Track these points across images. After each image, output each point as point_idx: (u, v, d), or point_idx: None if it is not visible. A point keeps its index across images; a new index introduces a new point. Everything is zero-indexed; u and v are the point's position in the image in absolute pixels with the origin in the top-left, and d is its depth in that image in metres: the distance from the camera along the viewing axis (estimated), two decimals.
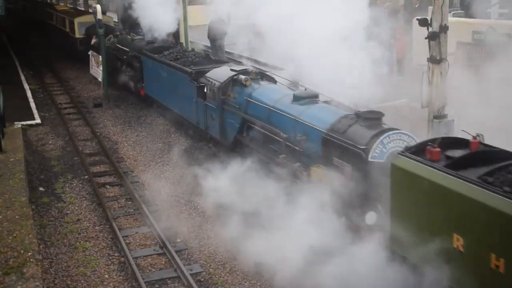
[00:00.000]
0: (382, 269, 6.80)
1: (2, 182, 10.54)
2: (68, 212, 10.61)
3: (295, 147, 9.01)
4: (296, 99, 9.50)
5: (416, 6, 17.57)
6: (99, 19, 18.20)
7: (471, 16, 17.82)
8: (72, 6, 36.47)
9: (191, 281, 7.98)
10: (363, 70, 8.56)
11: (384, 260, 6.82)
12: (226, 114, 11.29)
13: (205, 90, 11.97)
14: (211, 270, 8.48)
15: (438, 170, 6.04)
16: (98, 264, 8.76)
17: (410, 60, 16.50)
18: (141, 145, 14.22)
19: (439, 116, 9.56)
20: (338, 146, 8.01)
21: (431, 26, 9.34)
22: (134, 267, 8.43)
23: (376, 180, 7.28)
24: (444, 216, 5.90)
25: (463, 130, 6.80)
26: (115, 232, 9.55)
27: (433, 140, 6.64)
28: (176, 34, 18.41)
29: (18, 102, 17.74)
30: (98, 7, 18.47)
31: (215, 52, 19.17)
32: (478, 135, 6.46)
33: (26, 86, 20.50)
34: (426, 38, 9.44)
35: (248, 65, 12.51)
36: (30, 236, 8.54)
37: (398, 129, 7.78)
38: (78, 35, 24.64)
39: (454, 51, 14.98)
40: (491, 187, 5.51)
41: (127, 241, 9.38)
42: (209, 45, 20.17)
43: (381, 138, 7.55)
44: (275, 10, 9.53)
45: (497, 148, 6.33)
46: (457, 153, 6.29)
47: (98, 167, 12.87)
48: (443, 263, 5.92)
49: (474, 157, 6.20)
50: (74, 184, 11.90)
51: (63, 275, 8.45)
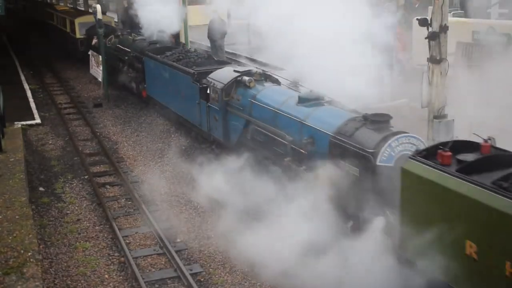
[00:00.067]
0: (390, 275, 6.70)
1: (2, 182, 10.54)
2: (68, 212, 10.61)
3: (301, 150, 8.84)
4: (302, 101, 9.30)
5: (416, 6, 17.55)
6: (99, 19, 18.20)
7: (471, 16, 17.84)
8: (72, 6, 36.46)
9: (191, 281, 7.98)
10: (363, 70, 8.55)
11: (393, 266, 6.71)
12: (230, 116, 11.15)
13: (208, 92, 11.81)
14: (211, 270, 8.48)
15: (450, 175, 5.89)
16: (98, 264, 8.76)
17: (410, 60, 16.49)
18: (141, 145, 14.22)
19: (439, 116, 9.54)
20: (345, 150, 7.83)
21: (431, 26, 9.34)
22: (134, 267, 8.43)
23: (385, 184, 7.14)
24: (456, 222, 5.75)
25: (475, 133, 6.60)
26: (115, 232, 9.56)
27: (444, 144, 6.44)
28: (175, 34, 18.39)
29: (18, 102, 17.73)
30: (98, 7, 18.45)
31: (215, 52, 19.20)
32: (489, 138, 6.29)
33: (26, 86, 20.49)
34: (426, 38, 9.43)
35: (250, 65, 12.40)
36: (30, 236, 8.54)
37: (406, 132, 7.60)
38: (79, 35, 24.60)
39: (454, 51, 14.98)
40: (506, 193, 5.34)
41: (127, 241, 9.38)
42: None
43: (389, 141, 7.38)
44: (276, 10, 9.54)
45: (509, 151, 6.17)
46: (468, 157, 6.14)
47: (98, 167, 12.87)
48: (455, 270, 5.79)
49: (487, 161, 6.03)
50: (74, 184, 11.90)
51: (63, 275, 8.45)
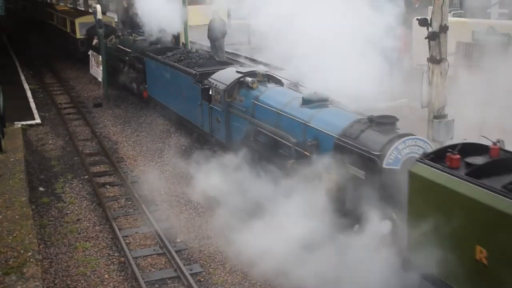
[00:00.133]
0: (395, 279, 6.65)
1: (2, 182, 10.54)
2: (68, 212, 10.61)
3: (305, 152, 8.72)
4: (306, 102, 9.20)
5: (416, 6, 17.55)
6: (99, 19, 18.20)
7: (471, 16, 17.85)
8: (72, 6, 36.47)
9: (191, 281, 7.98)
10: (363, 69, 8.52)
11: (399, 270, 6.64)
12: (232, 117, 11.05)
13: (210, 93, 11.72)
14: (211, 270, 8.48)
15: (460, 178, 5.76)
16: (98, 264, 8.76)
17: (410, 60, 16.49)
18: (141, 145, 14.22)
19: (439, 116, 9.53)
20: (351, 152, 7.71)
21: (431, 26, 9.34)
22: (134, 267, 8.43)
23: (391, 187, 7.05)
24: (466, 227, 5.64)
25: (483, 135, 6.46)
26: (115, 232, 9.56)
27: (452, 146, 6.29)
28: (176, 35, 18.38)
29: (18, 102, 17.73)
30: (98, 7, 18.45)
31: (215, 52, 19.20)
32: (498, 141, 6.16)
33: (26, 86, 20.50)
34: (426, 38, 9.42)
35: (254, 66, 12.32)
36: (30, 236, 8.54)
37: (413, 134, 7.51)
38: (79, 35, 24.60)
39: (454, 51, 14.99)
40: None
41: (127, 241, 9.38)
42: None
43: (396, 144, 7.26)
44: (276, 10, 9.53)
45: None
46: (477, 160, 5.99)
47: (98, 167, 12.87)
48: (464, 275, 5.71)
49: (496, 164, 5.90)
50: (74, 184, 11.90)
51: (63, 275, 8.45)
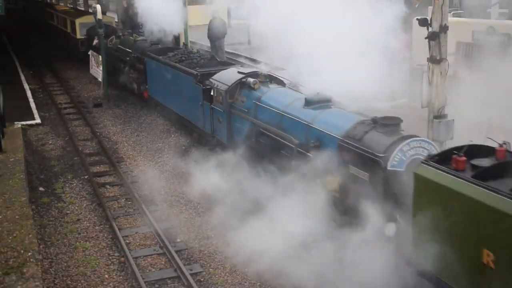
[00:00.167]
0: (402, 282, 6.62)
1: (2, 182, 10.54)
2: (68, 212, 10.61)
3: (308, 154, 8.66)
4: (308, 103, 9.15)
5: (416, 6, 17.55)
6: (99, 19, 18.20)
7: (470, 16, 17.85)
8: (72, 6, 36.46)
9: (191, 281, 7.98)
10: (363, 69, 8.52)
11: (405, 274, 6.61)
12: (234, 118, 11.00)
13: (211, 93, 11.67)
14: (211, 270, 8.48)
15: (466, 181, 5.71)
16: (98, 264, 8.76)
17: (410, 60, 16.48)
18: (141, 145, 14.22)
19: (439, 116, 9.54)
20: (355, 154, 7.68)
21: (431, 26, 9.34)
22: (134, 267, 8.44)
23: (395, 189, 7.03)
24: (472, 230, 5.59)
25: (489, 137, 6.44)
26: (115, 232, 9.56)
27: (458, 148, 6.24)
28: (176, 35, 18.37)
29: (18, 102, 17.72)
30: (98, 7, 18.45)
31: (215, 52, 19.20)
32: (504, 143, 6.13)
33: (26, 86, 20.50)
34: (426, 38, 9.42)
35: (253, 66, 12.26)
36: (30, 236, 8.54)
37: (417, 135, 7.48)
38: (79, 36, 24.59)
39: (454, 51, 14.97)
40: None
41: (127, 241, 9.38)
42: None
43: (400, 145, 7.22)
44: (276, 10, 9.53)
45: None
46: (484, 162, 5.94)
47: (98, 167, 12.87)
48: (470, 279, 5.66)
49: (503, 166, 5.85)
50: (74, 184, 11.90)
51: (63, 275, 8.45)
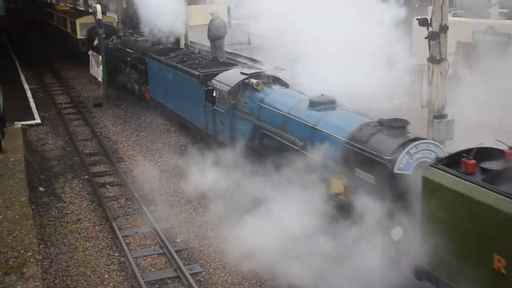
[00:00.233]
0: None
1: (2, 182, 10.54)
2: (68, 212, 10.61)
3: (313, 156, 8.51)
4: (313, 105, 9.03)
5: (416, 6, 17.56)
6: (99, 19, 18.19)
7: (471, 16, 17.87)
8: (72, 6, 36.46)
9: (191, 281, 7.98)
10: (363, 69, 8.52)
11: (411, 278, 6.56)
12: (237, 120, 10.88)
13: (214, 94, 11.56)
14: (211, 270, 8.48)
15: (476, 184, 5.62)
16: (98, 264, 8.76)
17: (410, 59, 16.49)
18: (141, 145, 14.22)
19: (439, 116, 9.54)
20: (360, 156, 7.57)
21: (431, 26, 9.34)
22: (134, 267, 8.44)
23: (402, 193, 6.94)
24: (483, 235, 5.50)
25: (499, 140, 6.35)
26: (115, 232, 9.56)
27: (467, 151, 6.13)
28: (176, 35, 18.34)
29: (18, 102, 17.72)
30: (98, 7, 18.44)
31: (215, 52, 19.20)
32: None
33: (26, 86, 20.50)
34: (426, 38, 9.43)
35: (254, 66, 12.20)
36: (30, 236, 8.54)
37: (424, 138, 7.42)
38: (80, 36, 24.57)
39: (454, 51, 14.98)
40: None
41: (127, 241, 9.38)
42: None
43: (407, 148, 7.12)
44: (277, 10, 9.54)
45: None
46: (494, 165, 5.85)
47: (98, 167, 12.87)
48: (481, 285, 5.58)
49: None
50: (74, 184, 11.90)
51: (63, 275, 8.45)
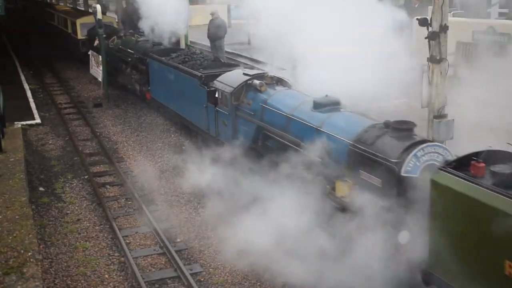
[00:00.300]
0: None
1: (2, 182, 10.54)
2: (68, 212, 10.61)
3: (317, 158, 8.45)
4: (317, 106, 8.94)
5: (416, 6, 17.57)
6: (99, 19, 18.19)
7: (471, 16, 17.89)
8: (72, 6, 36.45)
9: (191, 281, 7.98)
10: (364, 69, 8.52)
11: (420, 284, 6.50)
12: (239, 121, 10.81)
13: (216, 95, 11.49)
14: (211, 270, 8.49)
15: (486, 188, 5.53)
16: (98, 264, 8.76)
17: (410, 59, 16.50)
18: (141, 145, 14.23)
19: (439, 116, 9.53)
20: (366, 159, 7.48)
21: (431, 26, 9.34)
22: (134, 267, 8.44)
23: (409, 196, 6.87)
24: (494, 240, 5.39)
25: (508, 142, 6.29)
26: (115, 232, 9.56)
27: (477, 154, 6.05)
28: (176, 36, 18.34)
29: (18, 102, 17.72)
30: (98, 7, 18.44)
31: (215, 52, 19.19)
32: None
33: (26, 86, 20.49)
34: (426, 38, 9.43)
35: (256, 66, 12.15)
36: (30, 236, 8.54)
37: (431, 140, 7.32)
38: (80, 36, 24.55)
39: (454, 51, 14.99)
40: None
41: (127, 241, 9.38)
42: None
43: (414, 151, 7.02)
44: (277, 10, 9.52)
45: None
46: (504, 168, 5.74)
47: (98, 167, 12.88)
48: None
49: None
50: (74, 184, 11.90)
51: (63, 275, 8.45)
